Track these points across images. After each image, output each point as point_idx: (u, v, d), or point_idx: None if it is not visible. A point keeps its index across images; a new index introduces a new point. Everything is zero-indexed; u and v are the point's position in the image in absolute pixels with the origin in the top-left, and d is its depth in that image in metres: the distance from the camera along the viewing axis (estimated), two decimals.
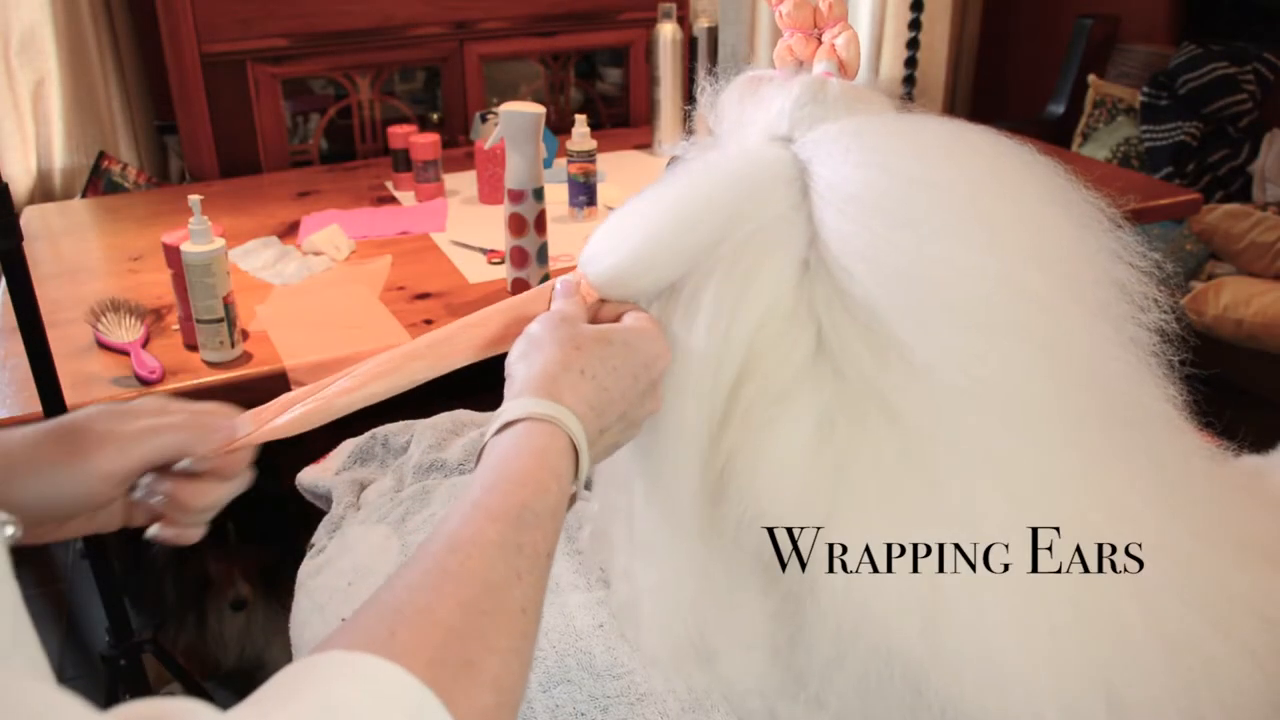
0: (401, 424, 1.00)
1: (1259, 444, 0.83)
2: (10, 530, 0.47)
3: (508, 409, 0.56)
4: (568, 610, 0.68)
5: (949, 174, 0.61)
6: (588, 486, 0.58)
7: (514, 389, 0.57)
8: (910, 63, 3.07)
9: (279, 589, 1.74)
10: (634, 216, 0.65)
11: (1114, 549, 0.60)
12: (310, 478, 0.97)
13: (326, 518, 0.90)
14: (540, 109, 1.38)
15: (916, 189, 0.60)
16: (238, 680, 1.83)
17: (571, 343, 0.58)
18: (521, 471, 0.52)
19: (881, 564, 0.59)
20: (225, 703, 0.36)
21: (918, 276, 0.59)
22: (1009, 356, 0.59)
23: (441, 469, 0.90)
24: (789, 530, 0.61)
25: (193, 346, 1.34)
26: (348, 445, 0.99)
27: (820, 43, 0.69)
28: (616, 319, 0.64)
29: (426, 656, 0.41)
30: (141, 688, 1.45)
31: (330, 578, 0.80)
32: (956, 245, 0.59)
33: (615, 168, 2.07)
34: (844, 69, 0.68)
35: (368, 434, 0.99)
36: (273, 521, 1.76)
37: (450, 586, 0.45)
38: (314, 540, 0.89)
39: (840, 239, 0.61)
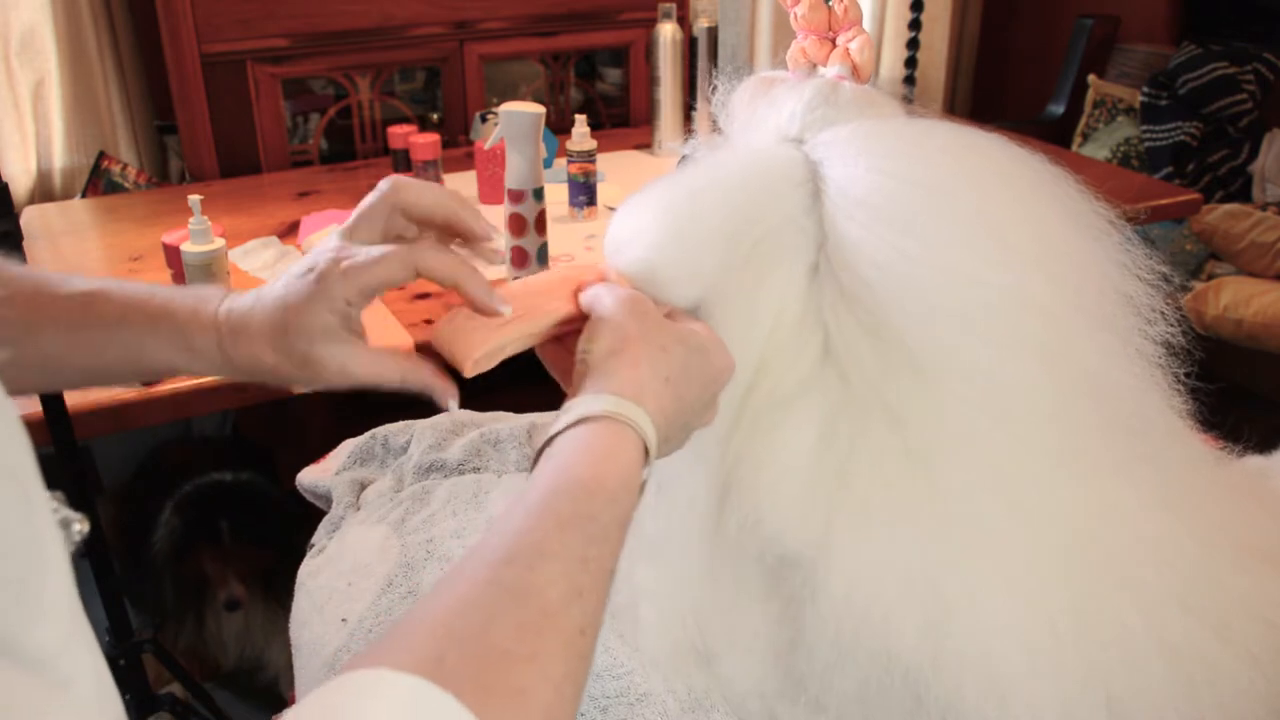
0: (401, 424, 0.99)
1: (1261, 444, 0.83)
2: (78, 527, 0.46)
3: (588, 403, 0.51)
4: None
5: (959, 182, 0.61)
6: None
7: (596, 381, 0.53)
8: (910, 63, 3.06)
9: (278, 590, 1.74)
10: (646, 215, 0.64)
11: (1114, 554, 0.60)
12: (310, 478, 0.97)
13: (326, 518, 0.90)
14: (540, 109, 1.38)
15: (926, 196, 0.60)
16: (238, 681, 1.83)
17: (658, 342, 0.55)
18: (595, 478, 0.48)
19: (882, 569, 0.59)
20: (226, 703, 0.36)
21: (925, 284, 0.59)
22: (1013, 366, 0.59)
23: (441, 469, 0.90)
24: (791, 534, 0.61)
25: None
26: (347, 445, 0.99)
27: (834, 46, 0.69)
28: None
29: (477, 681, 0.38)
30: (141, 688, 1.45)
31: (330, 578, 0.79)
32: (964, 254, 0.59)
33: (615, 168, 2.07)
34: (857, 73, 0.68)
35: (368, 434, 0.99)
36: (271, 523, 1.76)
37: (507, 603, 0.41)
38: (314, 540, 0.89)
39: (849, 244, 0.61)
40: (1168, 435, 0.65)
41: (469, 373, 0.58)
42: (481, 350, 0.58)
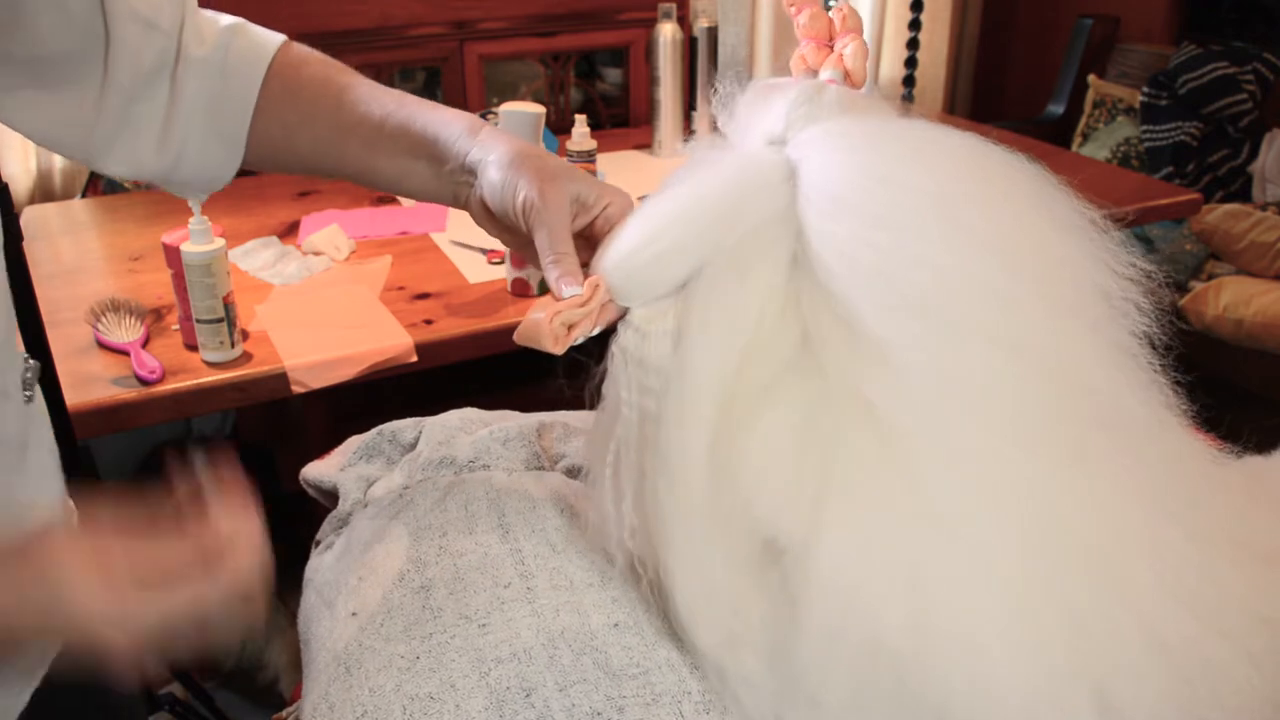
0: (410, 420, 1.00)
1: (1261, 445, 0.83)
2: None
3: None
4: (583, 609, 0.68)
5: (926, 176, 0.63)
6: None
7: None
8: (910, 63, 3.07)
9: (278, 587, 1.74)
10: (640, 221, 0.67)
11: (1096, 546, 0.61)
12: (316, 473, 0.97)
13: (333, 513, 0.90)
14: (540, 109, 1.38)
15: (893, 190, 0.62)
16: (239, 681, 1.83)
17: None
18: None
19: (865, 558, 0.60)
20: (226, 703, 0.35)
21: (892, 275, 0.60)
22: (980, 355, 0.60)
23: (451, 465, 0.90)
24: (780, 518, 0.61)
25: (193, 346, 1.34)
26: (355, 441, 0.99)
27: (832, 52, 0.71)
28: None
29: None
30: (141, 688, 1.45)
31: (339, 573, 0.80)
32: (930, 246, 0.60)
33: (615, 168, 2.07)
34: (849, 78, 0.70)
35: (375, 430, 0.99)
36: (273, 518, 1.76)
37: None
38: (319, 536, 0.89)
39: (820, 236, 0.63)
40: (1154, 429, 0.66)
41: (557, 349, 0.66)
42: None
